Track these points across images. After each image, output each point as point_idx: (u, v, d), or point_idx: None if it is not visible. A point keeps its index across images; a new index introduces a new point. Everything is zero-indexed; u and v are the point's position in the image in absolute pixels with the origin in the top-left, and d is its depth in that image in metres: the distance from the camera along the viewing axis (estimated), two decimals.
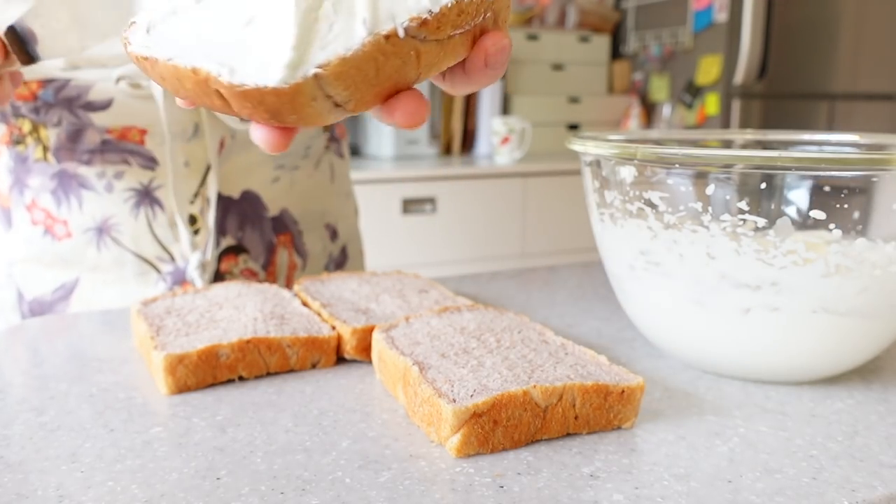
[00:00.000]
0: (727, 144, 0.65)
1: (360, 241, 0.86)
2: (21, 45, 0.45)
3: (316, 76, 0.26)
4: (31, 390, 0.45)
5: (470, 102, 2.48)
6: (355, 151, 2.40)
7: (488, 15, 0.30)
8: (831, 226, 0.42)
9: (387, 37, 0.27)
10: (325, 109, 0.28)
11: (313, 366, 0.49)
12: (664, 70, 2.65)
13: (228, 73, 0.27)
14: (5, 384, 0.47)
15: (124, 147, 0.65)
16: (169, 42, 0.29)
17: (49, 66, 0.62)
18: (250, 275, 0.71)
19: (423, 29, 0.28)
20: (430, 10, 0.28)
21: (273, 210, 0.73)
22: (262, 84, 0.26)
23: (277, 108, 0.27)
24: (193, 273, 0.67)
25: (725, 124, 2.36)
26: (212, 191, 0.67)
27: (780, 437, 0.39)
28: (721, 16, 2.38)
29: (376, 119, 0.31)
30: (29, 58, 0.46)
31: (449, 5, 0.28)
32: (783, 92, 2.12)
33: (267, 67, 0.26)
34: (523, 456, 0.37)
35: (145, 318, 0.51)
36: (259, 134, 0.29)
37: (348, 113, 0.29)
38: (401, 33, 0.27)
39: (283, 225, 0.74)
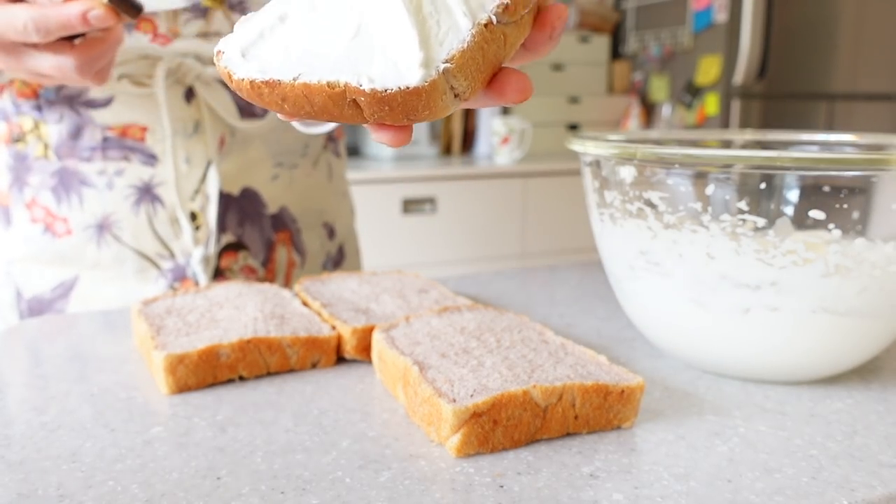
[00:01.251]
0: (727, 144, 0.65)
1: (356, 241, 0.87)
2: (125, 3, 0.48)
3: (445, 71, 0.28)
4: (32, 390, 0.45)
5: None
6: (355, 151, 2.40)
7: None
8: (831, 226, 0.42)
9: (485, 25, 0.29)
10: (449, 101, 0.29)
11: (313, 366, 0.49)
12: (664, 70, 2.65)
13: (368, 81, 0.28)
14: (6, 384, 0.47)
15: (125, 144, 0.65)
16: (277, 64, 0.29)
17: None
18: (250, 272, 0.71)
19: (506, 14, 0.30)
20: None
21: (272, 207, 0.73)
22: (403, 85, 0.27)
23: (414, 106, 0.28)
24: (197, 268, 0.67)
25: (725, 124, 2.36)
26: (212, 187, 0.67)
27: (779, 436, 0.39)
28: (721, 16, 2.38)
29: (485, 105, 0.33)
30: (136, 10, 0.49)
31: None
32: (783, 92, 2.12)
33: (400, 70, 0.27)
34: (523, 456, 0.37)
35: (146, 318, 0.51)
36: (386, 135, 0.31)
37: (462, 102, 0.30)
38: (494, 21, 0.29)
39: (281, 222, 0.74)
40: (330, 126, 0.58)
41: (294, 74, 0.29)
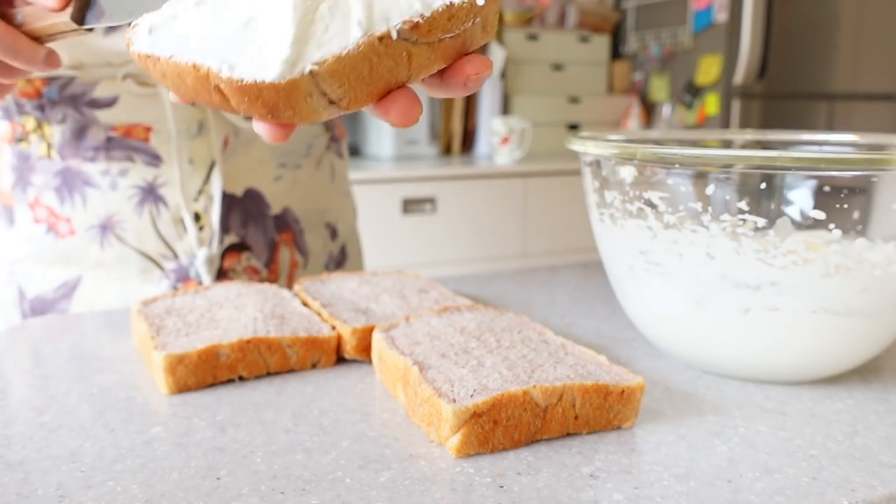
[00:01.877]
0: (727, 144, 0.65)
1: (358, 241, 0.87)
2: (84, 4, 0.44)
3: (312, 73, 0.27)
4: (32, 390, 0.45)
5: (470, 102, 2.47)
6: (355, 151, 2.40)
7: (477, 20, 0.31)
8: (831, 226, 0.42)
9: (380, 38, 0.28)
10: (320, 106, 0.29)
11: (313, 366, 0.49)
12: (664, 70, 2.65)
13: (228, 69, 0.28)
14: (6, 384, 0.47)
15: (129, 144, 0.65)
16: (171, 41, 0.30)
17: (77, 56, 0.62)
18: (253, 272, 0.71)
19: (415, 32, 0.29)
20: (421, 14, 0.29)
21: (275, 208, 0.73)
22: (259, 79, 0.27)
23: (274, 103, 0.28)
24: (201, 268, 0.67)
25: (725, 124, 2.36)
26: (216, 188, 0.67)
27: (779, 436, 0.39)
28: (721, 16, 2.38)
29: (374, 116, 0.32)
30: (82, 17, 0.44)
31: (440, 10, 0.29)
32: (783, 92, 2.12)
33: (265, 64, 0.27)
34: (523, 456, 0.37)
35: (145, 318, 0.51)
36: (259, 126, 0.31)
37: (342, 110, 0.30)
38: (394, 35, 0.28)
39: (284, 223, 0.74)
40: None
41: (171, 53, 0.29)
